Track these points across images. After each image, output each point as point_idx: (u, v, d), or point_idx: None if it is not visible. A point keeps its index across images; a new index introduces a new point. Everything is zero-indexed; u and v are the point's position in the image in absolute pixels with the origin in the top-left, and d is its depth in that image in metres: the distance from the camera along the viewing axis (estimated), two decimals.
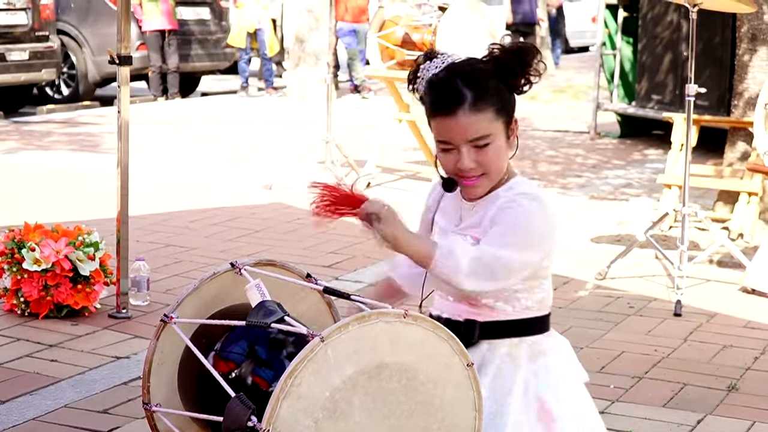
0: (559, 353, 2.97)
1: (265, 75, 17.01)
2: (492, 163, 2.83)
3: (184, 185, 8.87)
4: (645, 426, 4.07)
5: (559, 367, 2.94)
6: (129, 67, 5.22)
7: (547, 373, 2.92)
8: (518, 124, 2.89)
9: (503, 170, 2.87)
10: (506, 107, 2.83)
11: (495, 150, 2.81)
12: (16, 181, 8.84)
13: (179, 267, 6.18)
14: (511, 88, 2.84)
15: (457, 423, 2.93)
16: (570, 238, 7.23)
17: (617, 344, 5.08)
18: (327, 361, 2.68)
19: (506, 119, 2.83)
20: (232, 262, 3.19)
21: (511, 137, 2.84)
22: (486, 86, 2.82)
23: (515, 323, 2.91)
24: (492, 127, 2.81)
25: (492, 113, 2.80)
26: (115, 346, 4.82)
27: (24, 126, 12.39)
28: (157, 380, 3.17)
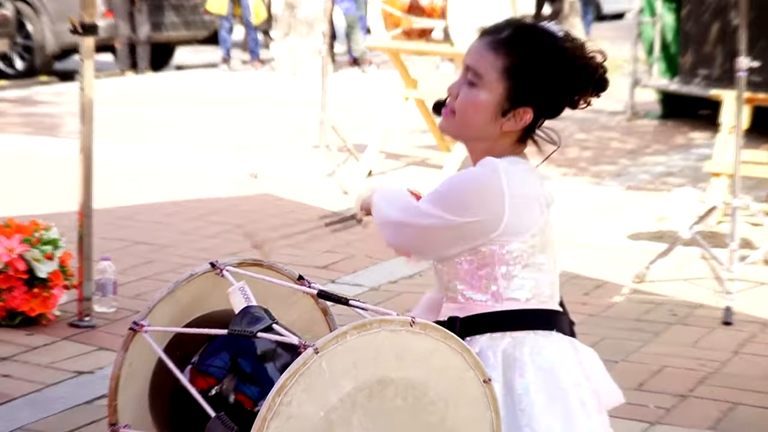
0: (548, 354, 2.99)
1: (250, 46, 17.02)
2: (464, 106, 2.96)
3: (158, 173, 8.88)
4: None
5: (540, 364, 2.97)
6: (93, 37, 5.22)
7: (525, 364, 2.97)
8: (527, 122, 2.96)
9: (473, 128, 2.99)
10: (522, 80, 2.91)
11: (476, 98, 2.94)
12: None
13: (151, 268, 6.19)
14: (557, 85, 2.94)
15: None
16: (603, 235, 7.23)
17: (658, 358, 5.08)
18: (321, 375, 2.69)
19: (512, 90, 2.92)
20: (212, 262, 3.20)
21: (509, 117, 2.93)
22: (523, 43, 2.93)
23: (497, 315, 2.99)
24: (490, 76, 2.92)
25: (501, 66, 2.91)
26: (76, 360, 4.82)
27: None
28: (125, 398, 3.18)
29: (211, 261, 3.19)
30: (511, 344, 2.98)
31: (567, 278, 6.08)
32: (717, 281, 6.14)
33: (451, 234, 2.96)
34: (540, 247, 2.99)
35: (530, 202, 2.97)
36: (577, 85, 2.95)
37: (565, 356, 3.01)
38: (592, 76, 2.95)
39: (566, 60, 2.92)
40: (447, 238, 2.97)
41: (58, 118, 11.43)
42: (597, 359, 3.06)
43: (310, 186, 8.47)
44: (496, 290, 2.98)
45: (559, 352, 3.00)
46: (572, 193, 8.55)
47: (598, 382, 3.06)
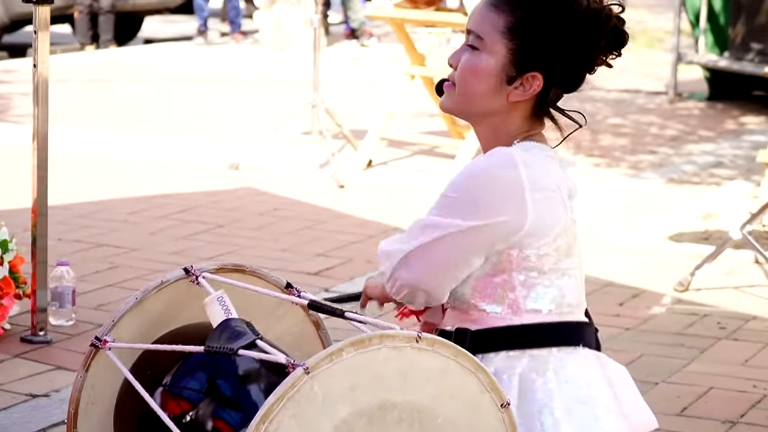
0: (573, 376, 2.98)
1: (230, 15, 17.03)
2: (465, 73, 2.96)
3: (123, 164, 8.89)
4: None
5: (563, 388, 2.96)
6: (49, 5, 5.23)
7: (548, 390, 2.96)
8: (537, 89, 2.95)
9: (475, 100, 2.98)
10: (527, 37, 2.92)
11: (477, 63, 2.94)
12: None
13: (115, 274, 6.20)
14: (569, 43, 2.93)
15: None
16: (641, 236, 7.25)
17: (704, 378, 5.09)
18: (314, 399, 2.71)
19: (517, 51, 2.92)
20: (186, 268, 3.22)
21: (515, 84, 2.92)
22: (528, 3, 2.93)
23: (512, 330, 2.97)
24: (492, 37, 2.93)
25: (503, 25, 2.92)
26: (30, 381, 4.84)
27: None
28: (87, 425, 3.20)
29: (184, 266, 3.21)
30: (530, 365, 2.97)
31: (599, 286, 6.10)
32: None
33: (466, 244, 2.91)
34: (566, 249, 2.98)
35: (554, 197, 2.95)
36: (588, 38, 2.93)
37: (592, 376, 3.01)
38: (604, 26, 2.93)
39: (575, 11, 2.91)
40: (462, 251, 2.92)
41: (6, 99, 11.45)
42: (628, 377, 3.06)
43: (299, 178, 8.49)
44: (514, 300, 2.96)
45: (585, 372, 3.00)
46: (605, 187, 8.56)
47: (628, 404, 3.06)
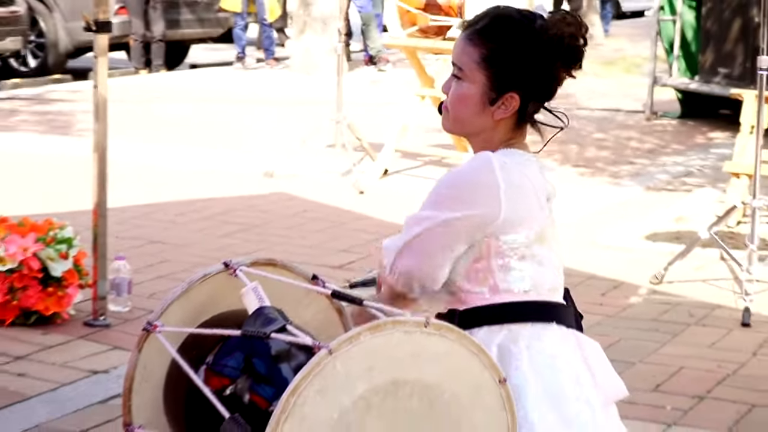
0: (548, 346, 3.01)
1: (265, 44, 17.02)
2: (454, 101, 3.03)
3: (171, 172, 8.90)
4: None
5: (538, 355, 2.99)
6: (107, 34, 5.24)
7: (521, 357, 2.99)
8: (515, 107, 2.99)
9: (467, 122, 3.04)
10: (501, 67, 2.96)
11: (462, 91, 3.00)
12: None
13: (165, 267, 6.21)
14: (535, 63, 2.96)
15: None
16: (621, 235, 7.24)
17: (675, 359, 5.08)
18: (336, 377, 2.70)
19: (493, 78, 2.97)
20: (225, 262, 3.21)
21: (497, 105, 2.97)
22: (497, 31, 2.98)
23: (495, 308, 3.01)
24: (470, 68, 2.99)
25: (478, 56, 2.97)
26: (91, 359, 4.84)
27: None
28: (139, 398, 3.20)
29: (224, 260, 3.21)
30: (507, 337, 3.01)
31: (584, 279, 6.09)
32: (736, 282, 6.13)
33: (450, 233, 2.97)
34: (538, 239, 3.01)
35: (527, 194, 2.99)
36: (549, 58, 2.96)
37: (564, 348, 3.03)
38: (559, 47, 2.95)
39: (534, 38, 2.95)
40: (447, 239, 2.99)
41: (71, 117, 11.45)
42: (601, 352, 3.08)
43: (324, 185, 8.48)
44: (494, 283, 3.00)
45: (558, 345, 3.02)
46: (589, 194, 8.55)
47: (602, 375, 3.07)
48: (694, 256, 6.43)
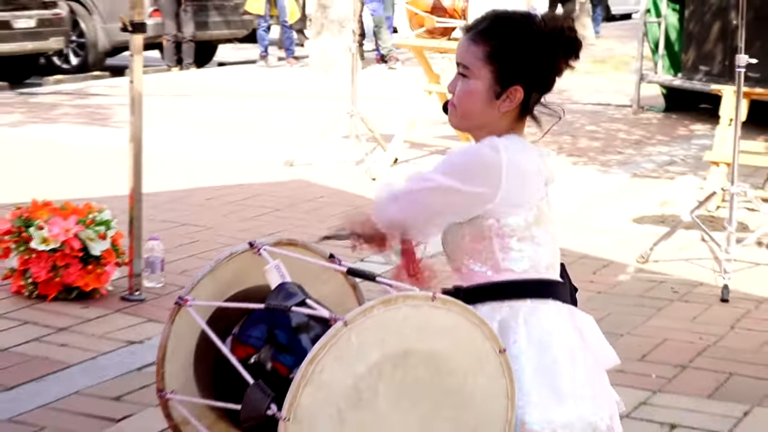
0: (545, 320, 3.01)
1: (286, 44, 17.01)
2: (461, 97, 2.99)
3: (201, 161, 8.90)
4: (688, 418, 4.08)
5: (536, 330, 2.99)
6: (142, 35, 5.24)
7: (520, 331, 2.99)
8: (519, 99, 2.98)
9: (474, 117, 2.99)
10: (505, 62, 2.94)
11: (469, 88, 2.96)
12: (23, 156, 8.88)
13: (195, 247, 6.21)
14: (536, 58, 2.95)
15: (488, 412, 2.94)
16: (610, 218, 7.23)
17: (660, 331, 5.08)
18: (350, 347, 2.70)
19: (498, 73, 2.94)
20: (250, 242, 3.21)
21: (502, 99, 2.94)
22: (499, 29, 2.96)
23: (496, 286, 3.00)
24: (476, 65, 2.95)
25: (483, 54, 2.94)
26: (127, 331, 4.85)
27: (31, 98, 12.44)
28: (171, 366, 3.20)
29: (249, 241, 3.20)
30: (508, 313, 2.99)
31: (576, 258, 6.09)
32: (715, 262, 6.13)
33: (451, 201, 2.96)
34: (536, 221, 2.99)
35: (528, 176, 2.97)
36: (550, 51, 2.95)
37: (560, 322, 3.02)
38: (559, 39, 2.94)
39: (536, 31, 2.93)
40: (441, 204, 2.98)
41: (109, 110, 11.46)
42: (594, 325, 3.07)
43: (340, 173, 8.49)
44: (495, 262, 2.99)
45: (554, 319, 3.01)
46: (582, 180, 8.54)
47: (596, 346, 3.07)
48: (677, 237, 6.42)
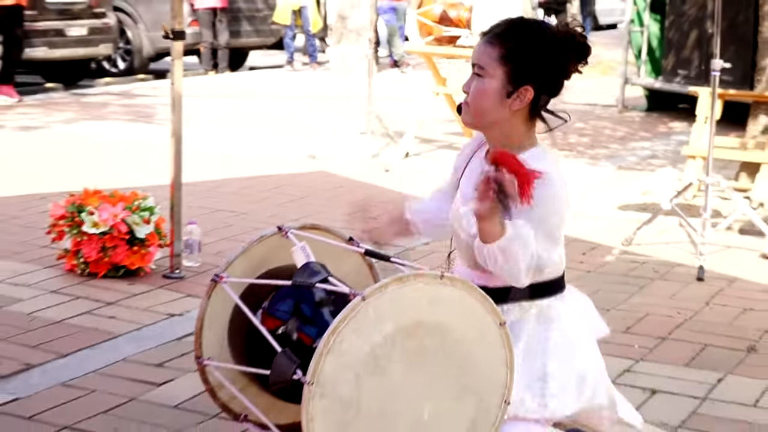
0: (570, 318, 2.98)
1: (309, 50, 16.99)
2: (475, 95, 2.89)
3: (234, 154, 8.90)
4: (667, 384, 4.07)
5: (570, 333, 2.96)
6: (182, 42, 5.23)
7: (559, 338, 2.94)
8: (529, 99, 2.91)
9: (488, 114, 2.90)
10: (518, 62, 2.86)
11: (483, 86, 2.87)
12: (76, 149, 8.90)
13: (229, 230, 6.22)
14: (547, 61, 2.88)
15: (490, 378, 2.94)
16: (598, 206, 7.21)
17: (642, 307, 5.07)
18: (368, 319, 2.69)
19: (511, 73, 2.86)
20: (278, 226, 3.21)
21: (513, 98, 2.86)
22: (513, 33, 2.89)
23: (524, 288, 2.91)
24: (491, 65, 2.86)
25: (498, 55, 2.86)
26: (168, 305, 4.86)
27: (83, 98, 12.46)
28: (208, 336, 3.20)
29: (278, 225, 3.20)
30: (536, 315, 2.95)
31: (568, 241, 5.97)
32: (692, 245, 6.11)
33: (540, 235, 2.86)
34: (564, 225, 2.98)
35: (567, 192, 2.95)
36: (562, 54, 2.88)
37: (574, 310, 3.01)
38: (572, 43, 2.88)
39: (549, 36, 2.87)
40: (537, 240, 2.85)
41: (153, 109, 11.47)
42: (590, 302, 3.07)
43: (357, 165, 8.48)
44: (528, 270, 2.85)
45: (570, 310, 2.99)
46: (572, 172, 8.52)
47: (590, 318, 3.08)
48: (657, 223, 6.41)
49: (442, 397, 2.85)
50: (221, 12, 15.50)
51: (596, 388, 2.99)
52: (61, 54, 13.22)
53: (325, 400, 2.67)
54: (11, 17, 11.49)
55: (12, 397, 3.71)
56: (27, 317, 4.59)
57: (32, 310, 4.68)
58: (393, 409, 2.77)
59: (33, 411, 3.60)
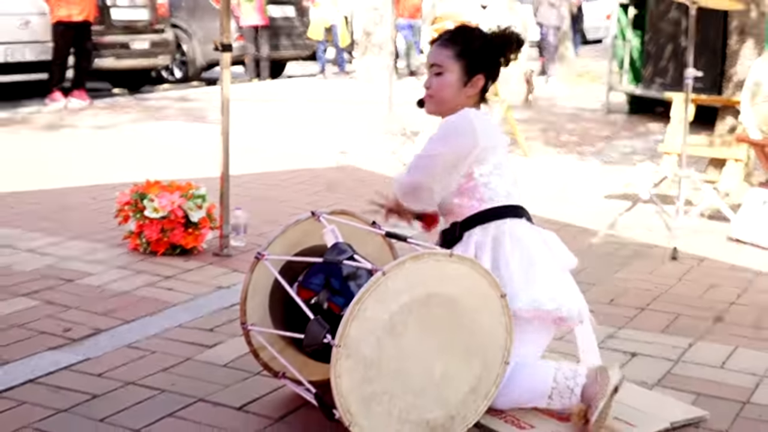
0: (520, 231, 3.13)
1: (339, 61, 16.99)
2: (437, 89, 3.16)
3: (274, 150, 8.91)
4: (646, 348, 4.06)
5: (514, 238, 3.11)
6: (230, 53, 5.23)
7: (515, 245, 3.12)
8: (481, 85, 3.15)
9: (449, 102, 3.15)
10: (469, 58, 3.11)
11: (443, 81, 3.13)
12: (139, 146, 8.93)
13: (270, 215, 6.22)
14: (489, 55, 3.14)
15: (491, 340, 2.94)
16: (586, 196, 7.19)
17: (624, 282, 5.05)
18: (387, 291, 2.70)
19: (466, 66, 3.11)
20: (312, 212, 3.22)
21: (468, 85, 3.13)
22: (460, 37, 3.12)
23: (482, 213, 3.11)
24: (447, 63, 3.12)
25: (453, 53, 3.11)
26: (218, 278, 4.87)
27: (144, 101, 12.49)
28: (252, 305, 3.21)
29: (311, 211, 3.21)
30: (496, 230, 3.10)
31: (561, 226, 6.04)
32: (667, 229, 6.07)
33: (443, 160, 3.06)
34: (503, 164, 3.13)
35: (493, 125, 3.14)
36: (501, 47, 3.12)
37: (531, 235, 3.15)
38: (509, 38, 3.11)
39: (489, 35, 3.13)
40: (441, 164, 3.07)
41: (205, 111, 11.48)
42: (556, 238, 3.23)
43: (379, 160, 8.47)
44: (480, 196, 3.10)
45: (527, 232, 3.14)
46: (563, 166, 8.50)
47: (556, 250, 3.21)
48: (637, 210, 6.37)
49: (451, 357, 2.86)
50: (263, 28, 15.49)
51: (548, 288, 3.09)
52: (126, 64, 13.26)
53: (350, 360, 2.68)
54: (81, 32, 11.54)
55: (84, 358, 3.74)
56: (97, 289, 4.61)
57: (101, 283, 4.70)
58: (408, 367, 2.78)
59: (102, 369, 3.62)
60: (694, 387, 3.61)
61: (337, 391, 2.65)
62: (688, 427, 3.22)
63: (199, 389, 3.41)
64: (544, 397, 3.02)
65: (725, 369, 3.85)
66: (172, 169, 7.27)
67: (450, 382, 2.82)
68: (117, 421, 3.17)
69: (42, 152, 8.41)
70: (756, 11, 7.48)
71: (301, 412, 3.17)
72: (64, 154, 8.32)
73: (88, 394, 3.38)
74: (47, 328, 4.03)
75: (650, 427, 3.15)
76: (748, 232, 5.88)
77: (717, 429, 3.25)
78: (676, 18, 11.18)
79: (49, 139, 9.17)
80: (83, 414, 3.22)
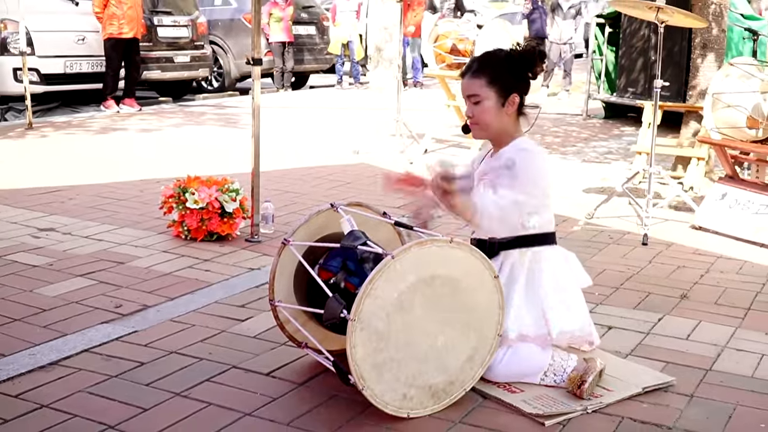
0: (557, 261, 3.06)
1: (354, 74, 16.94)
2: (480, 116, 2.99)
3: (298, 150, 8.89)
4: (620, 322, 4.03)
5: (557, 271, 3.05)
6: (260, 67, 5.21)
7: (550, 274, 3.04)
8: (518, 102, 3.02)
9: (493, 125, 3.00)
10: (501, 82, 2.96)
11: (483, 107, 2.97)
12: (181, 146, 8.92)
13: (295, 206, 6.21)
14: (518, 73, 2.98)
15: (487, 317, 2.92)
16: (567, 189, 7.15)
17: (601, 264, 5.02)
18: (396, 272, 2.68)
19: (500, 90, 2.95)
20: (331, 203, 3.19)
21: (506, 105, 2.98)
22: (488, 64, 2.97)
23: (522, 238, 3.01)
24: (483, 91, 2.96)
25: (485, 81, 2.95)
26: (250, 261, 4.86)
27: (186, 108, 12.48)
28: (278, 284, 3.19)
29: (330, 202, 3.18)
30: (532, 256, 3.02)
31: None
32: (638, 218, 6.04)
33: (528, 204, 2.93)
34: (549, 194, 3.06)
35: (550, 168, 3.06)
36: (527, 63, 2.95)
37: (561, 260, 3.09)
38: (532, 53, 2.95)
39: (512, 56, 2.96)
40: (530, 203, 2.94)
41: (238, 117, 11.47)
42: (576, 258, 3.19)
43: (389, 159, 8.44)
44: (524, 224, 3.00)
45: (558, 259, 3.08)
46: None
47: (576, 270, 3.17)
48: (612, 201, 6.34)
49: (452, 330, 2.84)
50: (289, 45, 15.46)
51: (579, 314, 3.05)
52: (170, 75, 13.25)
53: (364, 333, 2.66)
54: (130, 47, 11.54)
55: (132, 330, 3.73)
56: (144, 270, 4.60)
57: (148, 265, 4.69)
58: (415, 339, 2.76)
59: (148, 340, 3.61)
60: (662, 356, 3.58)
61: (352, 359, 2.64)
62: (658, 391, 3.19)
63: (233, 357, 3.39)
64: (540, 373, 3.01)
65: (690, 340, 3.82)
66: (210, 167, 7.26)
67: (450, 352, 2.80)
68: (161, 386, 3.16)
69: (97, 152, 8.41)
70: (717, 29, 7.44)
71: (321, 378, 3.16)
72: (116, 154, 8.32)
73: (136, 362, 3.37)
74: (101, 305, 4.02)
75: (625, 391, 3.12)
76: (710, 220, 5.84)
77: (683, 393, 3.22)
78: (646, 35, 11.11)
79: (103, 141, 9.17)
80: (132, 379, 3.22)
